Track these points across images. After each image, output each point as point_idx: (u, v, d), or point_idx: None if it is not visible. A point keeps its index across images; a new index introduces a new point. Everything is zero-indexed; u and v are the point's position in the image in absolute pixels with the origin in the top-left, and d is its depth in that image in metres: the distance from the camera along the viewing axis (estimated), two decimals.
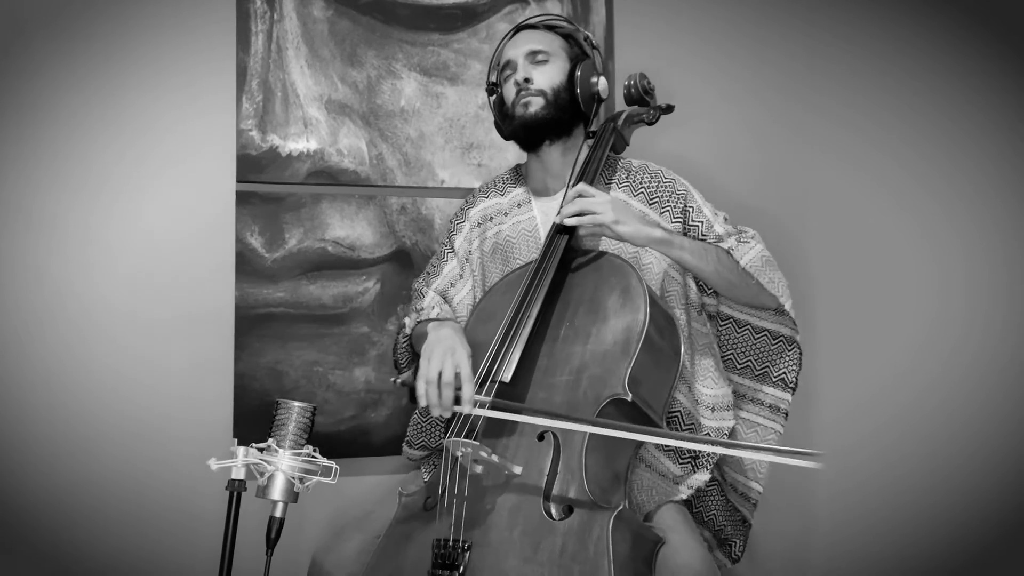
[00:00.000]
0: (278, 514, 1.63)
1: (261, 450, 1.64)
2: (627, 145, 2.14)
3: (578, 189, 1.89)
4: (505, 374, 1.77)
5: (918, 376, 2.68)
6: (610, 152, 2.08)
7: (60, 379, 2.20)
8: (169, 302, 2.29)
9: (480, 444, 1.67)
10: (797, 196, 2.76)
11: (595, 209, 1.84)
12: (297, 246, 2.40)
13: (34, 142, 2.21)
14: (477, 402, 1.72)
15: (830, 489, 2.72)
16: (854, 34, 2.81)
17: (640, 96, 2.15)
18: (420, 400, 1.73)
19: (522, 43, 2.09)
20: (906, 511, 2.69)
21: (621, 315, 1.81)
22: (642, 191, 2.06)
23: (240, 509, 1.60)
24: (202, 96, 2.35)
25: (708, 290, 2.03)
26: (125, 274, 2.26)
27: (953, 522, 2.62)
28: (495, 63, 2.15)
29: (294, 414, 1.68)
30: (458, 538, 1.65)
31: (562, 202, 1.92)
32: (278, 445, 1.65)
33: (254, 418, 2.29)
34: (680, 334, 1.90)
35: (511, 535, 1.63)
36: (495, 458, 1.66)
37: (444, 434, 2.06)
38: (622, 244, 1.99)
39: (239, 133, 2.36)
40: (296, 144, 2.41)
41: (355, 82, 2.46)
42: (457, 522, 1.67)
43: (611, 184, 2.08)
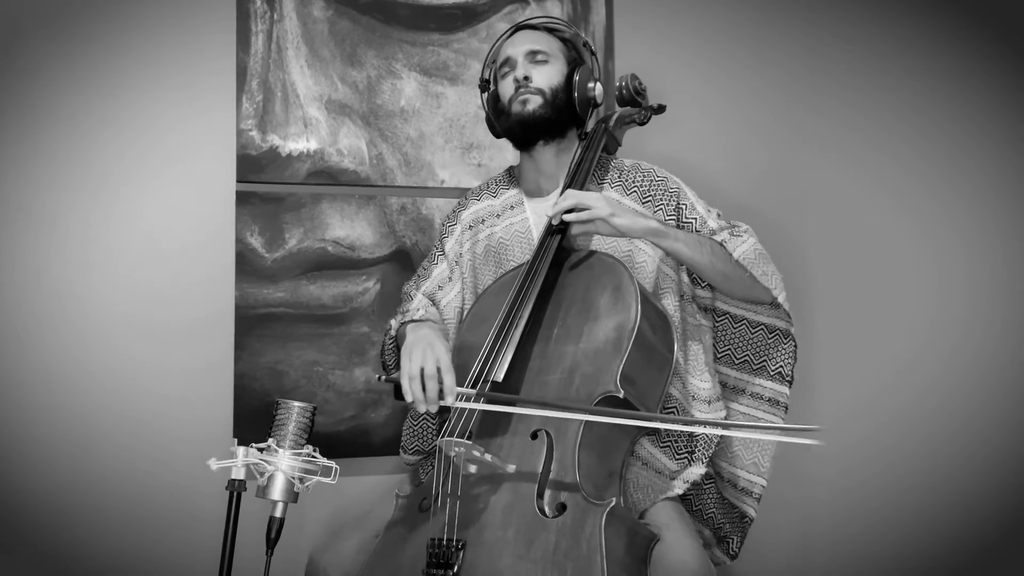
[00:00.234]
0: (278, 514, 1.63)
1: (261, 450, 1.64)
2: (619, 145, 2.16)
3: (569, 191, 1.91)
4: (498, 374, 1.78)
5: (918, 375, 2.68)
6: (603, 153, 2.10)
7: (60, 379, 2.20)
8: (169, 302, 2.29)
9: (473, 443, 1.68)
10: (798, 196, 2.76)
11: (590, 204, 1.86)
12: (297, 246, 2.40)
13: (34, 142, 2.22)
14: (461, 394, 1.75)
15: (830, 488, 2.73)
16: (854, 34, 2.81)
17: (632, 97, 2.16)
18: (406, 396, 1.75)
19: (522, 42, 2.09)
20: (906, 510, 2.69)
21: (613, 313, 1.82)
22: (635, 190, 2.07)
23: (240, 509, 1.60)
24: (202, 96, 2.35)
25: (702, 283, 2.04)
26: (125, 274, 2.26)
27: (953, 522, 2.63)
28: (490, 60, 2.16)
29: (294, 414, 1.68)
30: (452, 537, 1.66)
31: (555, 203, 1.93)
32: (278, 445, 1.65)
33: (254, 418, 2.29)
34: (673, 331, 1.92)
35: (505, 533, 1.64)
36: (488, 457, 1.67)
37: (437, 436, 2.08)
38: (615, 243, 2.01)
39: (239, 133, 2.36)
40: (296, 144, 2.41)
41: (355, 82, 2.46)
42: (451, 521, 1.68)
43: (604, 184, 2.09)
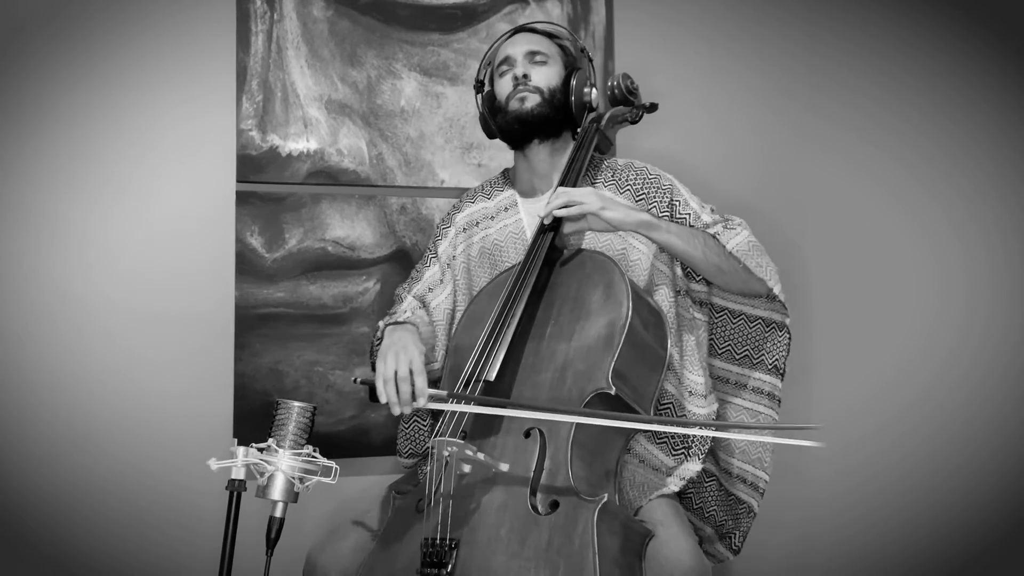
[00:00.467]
0: (278, 514, 1.63)
1: (261, 450, 1.64)
2: (612, 145, 2.18)
3: (560, 189, 1.93)
4: (490, 373, 1.80)
5: (917, 375, 2.68)
6: (595, 152, 2.13)
7: (60, 379, 2.20)
8: (169, 302, 2.29)
9: (466, 443, 1.68)
10: (799, 195, 2.76)
11: (580, 199, 1.87)
12: (297, 246, 2.40)
13: (34, 141, 2.22)
14: (433, 396, 1.78)
15: (831, 488, 2.73)
16: (854, 34, 2.81)
17: (624, 96, 2.19)
18: (380, 397, 1.78)
19: (522, 43, 2.13)
20: (906, 510, 2.69)
21: (604, 311, 1.83)
22: (628, 188, 2.08)
23: (240, 509, 1.60)
24: (202, 96, 2.35)
25: (696, 277, 2.05)
26: (125, 274, 2.26)
27: (954, 521, 2.63)
28: (487, 61, 2.19)
29: (294, 414, 1.68)
30: (445, 536, 1.66)
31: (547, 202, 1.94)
32: (278, 445, 1.65)
33: (254, 418, 2.29)
34: (667, 328, 1.93)
35: (499, 532, 1.64)
36: (481, 456, 1.67)
37: (429, 438, 2.08)
38: (609, 242, 2.03)
39: (239, 133, 2.36)
40: (296, 144, 2.41)
41: (355, 82, 2.46)
42: (444, 521, 1.68)
43: (597, 183, 2.11)
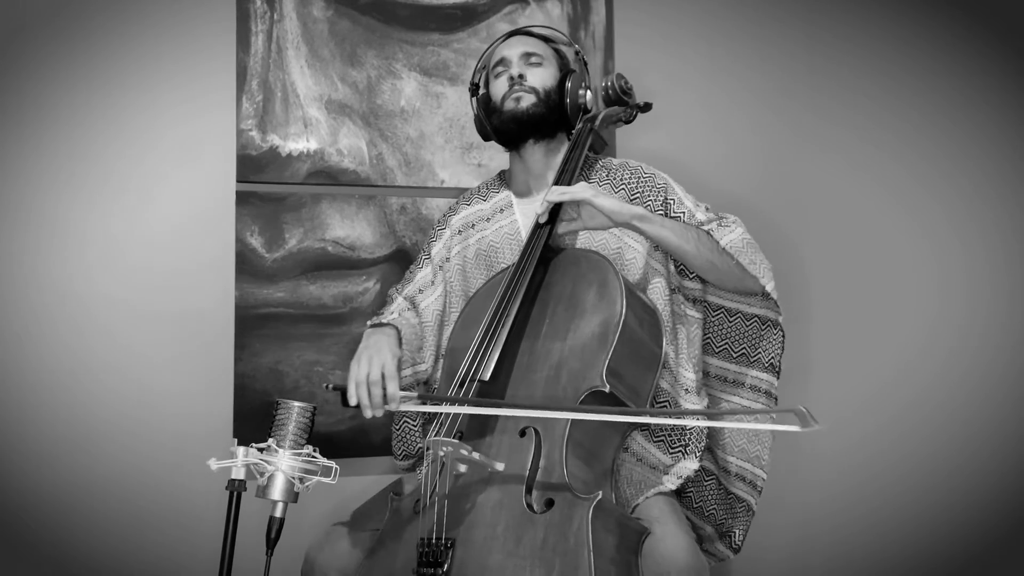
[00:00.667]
0: (278, 514, 1.63)
1: (261, 450, 1.64)
2: (606, 145, 2.20)
3: (553, 188, 1.94)
4: (485, 373, 1.81)
5: (917, 375, 2.68)
6: (590, 152, 2.15)
7: (60, 379, 2.20)
8: (169, 302, 2.29)
9: (460, 443, 1.69)
10: (799, 195, 2.76)
11: (573, 189, 1.90)
12: (297, 246, 2.40)
13: (35, 141, 2.22)
14: (406, 398, 1.81)
15: (831, 488, 2.73)
16: (854, 34, 2.81)
17: (618, 97, 2.20)
18: (351, 400, 1.82)
19: (517, 45, 2.15)
20: (906, 510, 2.69)
21: (598, 309, 1.84)
22: (623, 187, 2.09)
23: (240, 509, 1.60)
24: (202, 96, 2.35)
25: (690, 274, 2.05)
26: (125, 273, 2.26)
27: (954, 521, 2.63)
28: (482, 65, 2.21)
29: (294, 414, 1.68)
30: (441, 536, 1.66)
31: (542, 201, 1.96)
32: (278, 445, 1.65)
33: (254, 418, 2.29)
34: (662, 326, 1.93)
35: (494, 531, 1.64)
36: (476, 455, 1.68)
37: (420, 439, 2.10)
38: (604, 241, 2.04)
39: (239, 133, 2.36)
40: (296, 144, 2.41)
41: (355, 82, 2.46)
42: (440, 520, 1.68)
43: (592, 182, 2.12)
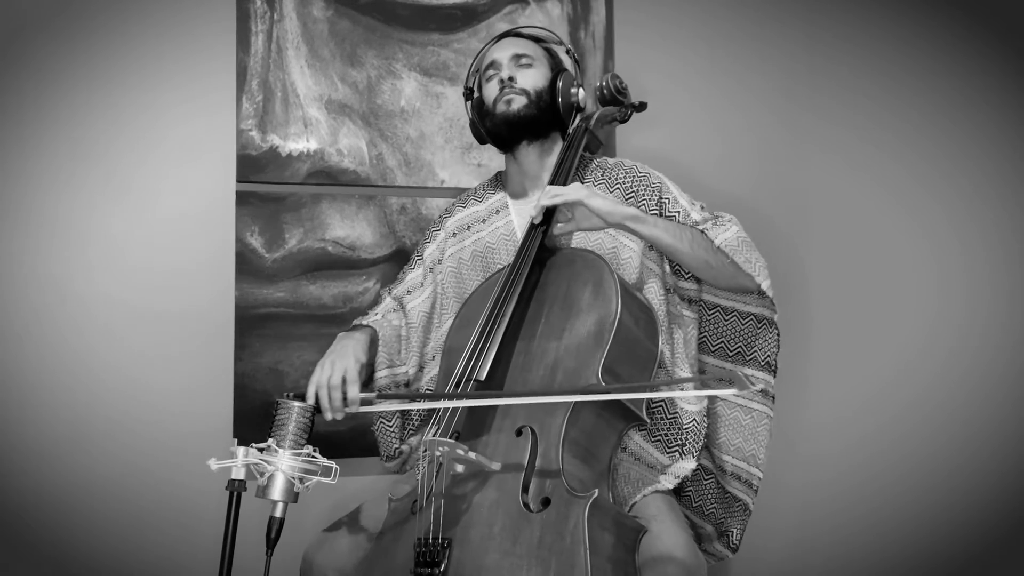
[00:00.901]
0: (278, 514, 1.64)
1: (261, 450, 1.64)
2: (601, 144, 2.21)
3: (548, 187, 1.94)
4: (480, 373, 1.81)
5: (917, 375, 2.68)
6: (585, 152, 2.15)
7: (61, 379, 2.20)
8: (169, 302, 2.29)
9: (457, 443, 1.68)
10: (797, 194, 2.76)
11: (566, 192, 1.90)
12: (297, 246, 2.40)
13: (35, 141, 2.22)
14: (365, 400, 1.85)
15: (830, 489, 2.73)
16: (854, 34, 2.81)
17: (613, 96, 2.22)
18: (308, 399, 1.82)
19: (507, 47, 2.16)
20: (906, 510, 2.69)
21: (594, 308, 1.84)
22: (618, 186, 2.10)
23: (240, 509, 1.60)
24: (202, 96, 2.35)
25: (685, 274, 2.06)
26: (125, 273, 2.26)
27: (953, 521, 2.63)
28: (474, 68, 2.23)
29: (294, 414, 1.68)
30: (437, 536, 1.66)
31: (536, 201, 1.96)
32: (278, 445, 1.65)
33: (254, 418, 2.29)
34: (658, 325, 1.94)
35: (491, 530, 1.64)
36: (472, 455, 1.67)
37: (399, 440, 2.13)
38: (599, 241, 2.04)
39: (239, 133, 2.36)
40: (296, 144, 2.41)
41: (355, 82, 2.46)
42: (436, 520, 1.68)
43: (587, 182, 2.13)
